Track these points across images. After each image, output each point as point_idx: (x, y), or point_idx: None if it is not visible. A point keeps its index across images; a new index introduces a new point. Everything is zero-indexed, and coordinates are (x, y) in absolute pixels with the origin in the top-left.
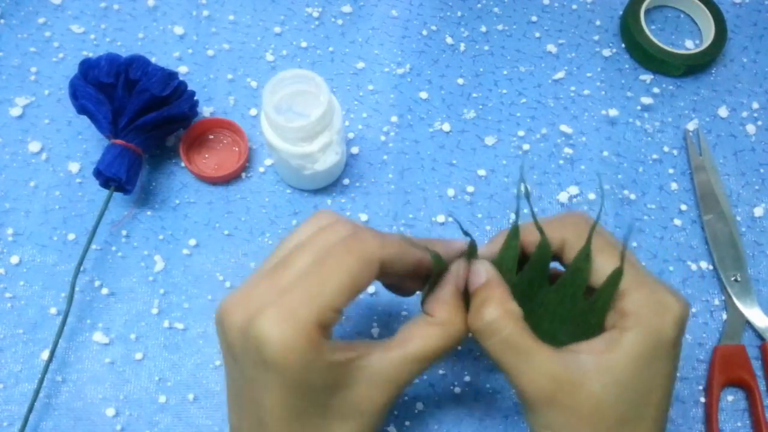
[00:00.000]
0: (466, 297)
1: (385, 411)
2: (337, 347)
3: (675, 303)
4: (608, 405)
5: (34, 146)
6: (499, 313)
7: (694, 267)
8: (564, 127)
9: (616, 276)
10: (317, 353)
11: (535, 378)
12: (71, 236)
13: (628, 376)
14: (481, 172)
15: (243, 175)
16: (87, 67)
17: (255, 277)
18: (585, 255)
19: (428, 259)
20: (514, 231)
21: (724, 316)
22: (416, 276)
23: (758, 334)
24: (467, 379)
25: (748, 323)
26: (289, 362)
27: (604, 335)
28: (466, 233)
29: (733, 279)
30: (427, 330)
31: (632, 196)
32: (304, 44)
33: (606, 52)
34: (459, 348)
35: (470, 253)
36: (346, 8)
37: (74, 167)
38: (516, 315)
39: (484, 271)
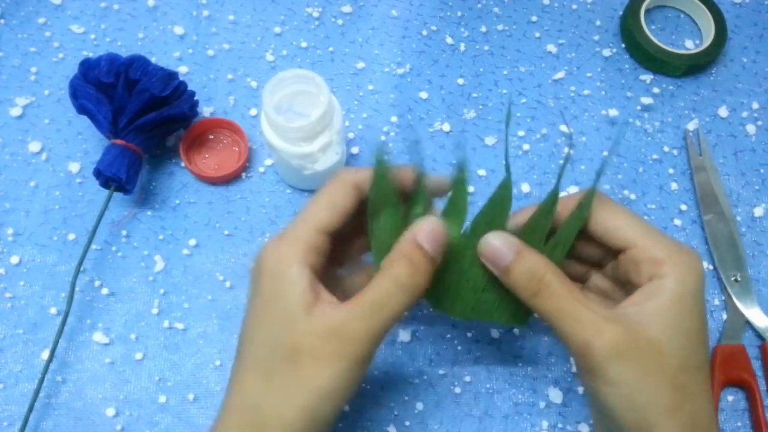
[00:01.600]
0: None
1: (341, 366)
2: (315, 282)
3: (693, 250)
4: (668, 350)
5: (34, 146)
6: (553, 276)
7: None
8: (564, 127)
9: (552, 199)
10: (299, 269)
11: (600, 326)
12: (71, 236)
13: (678, 318)
14: (481, 172)
15: (243, 175)
16: (87, 67)
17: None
18: (585, 206)
19: (403, 178)
20: (552, 197)
21: (724, 316)
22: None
23: (758, 334)
24: (467, 379)
25: (748, 323)
26: (273, 270)
27: (644, 287)
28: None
29: (733, 279)
30: (375, 278)
31: (632, 196)
32: (304, 44)
33: (606, 52)
34: (459, 348)
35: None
36: (346, 8)
37: (74, 167)
38: (565, 277)
39: (512, 245)
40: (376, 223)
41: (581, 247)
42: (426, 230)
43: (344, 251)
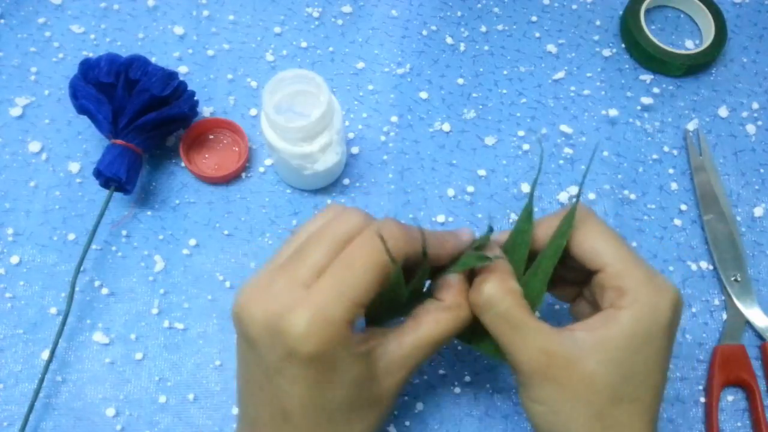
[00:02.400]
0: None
1: (399, 395)
2: (360, 339)
3: (670, 286)
4: (603, 382)
5: (34, 146)
6: (497, 288)
7: (694, 267)
8: (564, 127)
9: (527, 214)
10: (347, 348)
11: (529, 352)
12: (71, 236)
13: (623, 354)
14: (481, 172)
15: (243, 175)
16: (87, 67)
17: (270, 269)
18: (565, 230)
19: (447, 249)
20: (526, 214)
21: (724, 316)
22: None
23: (758, 334)
24: (467, 379)
25: (748, 323)
26: (323, 357)
27: (601, 313)
28: (490, 229)
29: (733, 279)
30: (437, 315)
31: (632, 196)
32: (304, 44)
33: (606, 52)
34: (459, 348)
35: (482, 243)
36: (346, 8)
37: (74, 167)
38: (515, 292)
39: (489, 253)
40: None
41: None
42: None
43: None
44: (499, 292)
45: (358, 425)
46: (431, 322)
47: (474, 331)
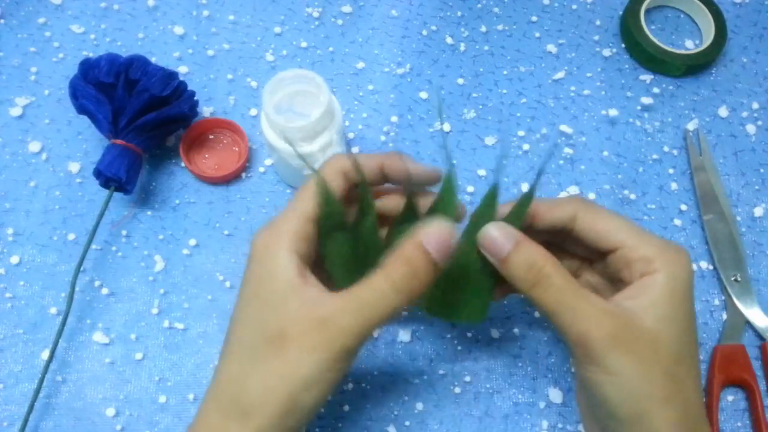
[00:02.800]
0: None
1: (322, 357)
2: (303, 269)
3: (680, 245)
4: (663, 341)
5: (34, 146)
6: (552, 267)
7: (694, 267)
8: (564, 127)
9: (527, 198)
10: (287, 255)
11: (599, 318)
12: (71, 236)
13: (673, 310)
14: (481, 172)
15: (243, 175)
16: (87, 67)
17: None
18: (524, 205)
19: (390, 166)
20: (492, 193)
21: (724, 316)
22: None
23: (758, 334)
24: (467, 379)
25: (748, 323)
26: (261, 256)
27: (637, 282)
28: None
29: (733, 279)
30: (372, 278)
31: (632, 196)
32: (304, 44)
33: (606, 52)
34: (459, 348)
35: (485, 210)
36: (346, 8)
37: (74, 167)
38: (563, 269)
39: (510, 236)
40: (328, 247)
41: (571, 246)
42: (435, 234)
43: None
44: (553, 269)
45: (275, 362)
46: (364, 283)
47: (442, 304)
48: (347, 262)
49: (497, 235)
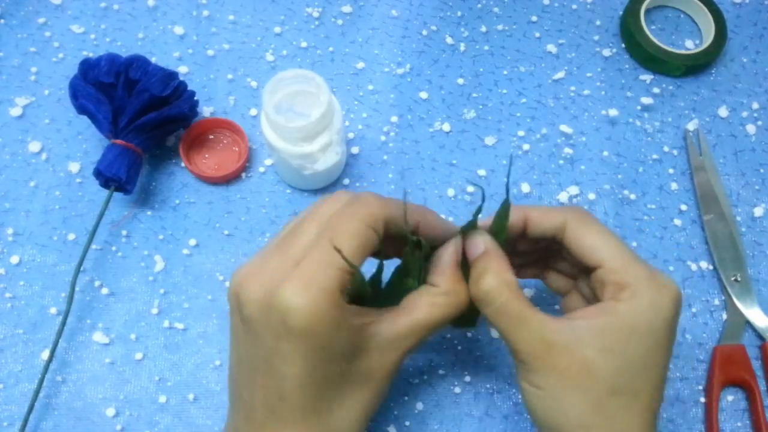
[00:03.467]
0: (466, 268)
1: (392, 376)
2: (354, 312)
3: (671, 282)
4: (601, 371)
5: (34, 146)
6: (495, 282)
7: (694, 267)
8: (564, 127)
9: (505, 209)
10: (341, 316)
11: (528, 341)
12: (71, 236)
13: (622, 345)
14: (481, 172)
15: (243, 175)
16: (87, 67)
17: (264, 251)
18: (503, 216)
19: (426, 224)
20: (504, 209)
21: (724, 316)
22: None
23: (758, 334)
24: (467, 379)
25: (748, 323)
26: (316, 327)
27: (600, 304)
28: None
29: (733, 279)
30: (432, 299)
31: (632, 196)
32: (304, 44)
33: (606, 52)
34: (459, 348)
35: (470, 225)
36: (346, 8)
37: (74, 167)
38: (512, 284)
39: (482, 242)
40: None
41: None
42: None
43: None
44: (496, 286)
45: (350, 402)
46: (426, 306)
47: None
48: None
49: (475, 242)
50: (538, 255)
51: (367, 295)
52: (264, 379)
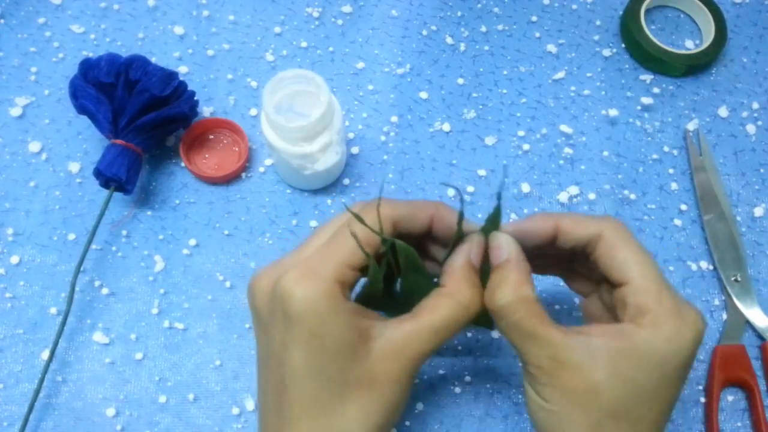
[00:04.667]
0: (486, 270)
1: (401, 384)
2: (356, 309)
3: (697, 318)
4: (608, 396)
5: (34, 146)
6: (511, 298)
7: (694, 267)
8: (564, 127)
9: (496, 215)
10: (337, 306)
11: (539, 357)
12: (71, 236)
13: (634, 373)
14: (481, 172)
15: (243, 175)
16: (87, 67)
17: (284, 255)
18: (494, 222)
19: (440, 218)
20: (495, 215)
21: (724, 316)
22: (436, 243)
23: (758, 334)
24: (467, 379)
25: (748, 323)
26: (310, 313)
27: (620, 326)
28: (498, 197)
29: (733, 279)
30: (437, 300)
31: (632, 196)
32: (304, 44)
33: (606, 52)
34: (459, 348)
35: (492, 222)
36: (346, 8)
37: (74, 167)
38: (528, 299)
39: (506, 249)
40: (407, 283)
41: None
42: (479, 251)
43: None
44: (512, 302)
45: (351, 406)
46: (431, 308)
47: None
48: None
49: (500, 245)
50: (562, 258)
51: (379, 296)
52: (271, 372)
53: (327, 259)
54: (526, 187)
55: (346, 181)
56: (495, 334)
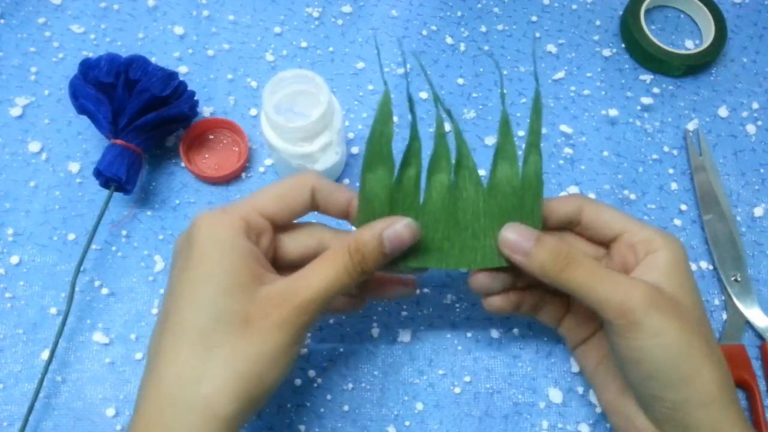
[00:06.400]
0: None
1: (280, 333)
2: (256, 254)
3: (670, 233)
4: (687, 306)
5: (34, 146)
6: (574, 249)
7: (694, 267)
8: (564, 127)
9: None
10: (235, 242)
11: (635, 285)
12: (71, 236)
13: (684, 281)
14: (481, 173)
15: (243, 175)
16: (87, 67)
17: None
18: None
19: (319, 189)
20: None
21: (724, 316)
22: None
23: (758, 334)
24: (467, 379)
25: (748, 323)
26: (209, 241)
27: (644, 262)
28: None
29: (733, 279)
30: (331, 256)
31: (632, 196)
32: (304, 44)
33: (606, 52)
34: (459, 348)
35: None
36: (346, 8)
37: (74, 167)
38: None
39: (528, 232)
40: (368, 177)
41: (575, 243)
42: (397, 234)
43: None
44: (573, 248)
45: (225, 347)
46: (320, 262)
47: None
48: (380, 203)
49: (515, 236)
50: (534, 288)
51: (385, 153)
52: (162, 307)
53: (243, 203)
54: None
55: (346, 181)
56: (495, 333)
